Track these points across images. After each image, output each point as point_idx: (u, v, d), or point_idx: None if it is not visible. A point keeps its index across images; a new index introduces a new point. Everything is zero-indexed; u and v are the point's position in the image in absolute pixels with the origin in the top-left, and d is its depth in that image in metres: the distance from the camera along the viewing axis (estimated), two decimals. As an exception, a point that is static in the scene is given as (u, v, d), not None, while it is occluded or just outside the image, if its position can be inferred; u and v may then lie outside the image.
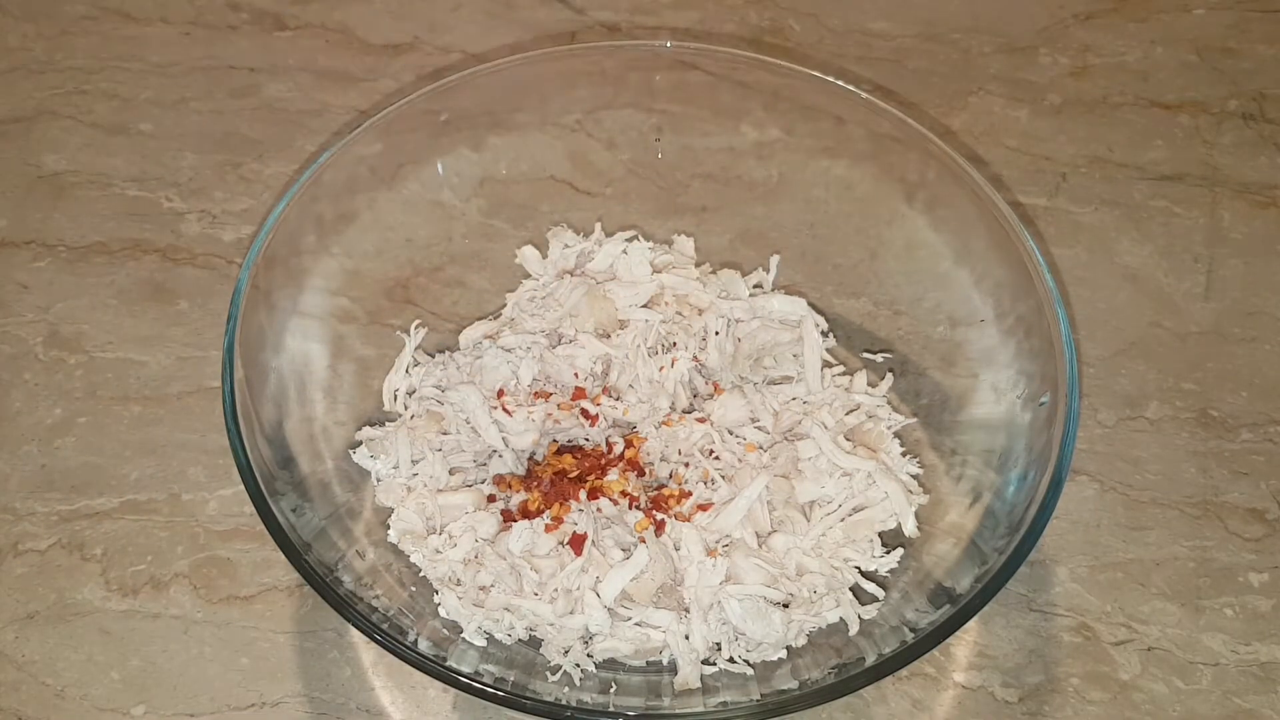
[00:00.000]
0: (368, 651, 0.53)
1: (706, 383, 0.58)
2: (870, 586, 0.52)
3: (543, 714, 0.43)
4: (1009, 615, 0.54)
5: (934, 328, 0.59)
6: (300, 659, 0.52)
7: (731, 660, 0.49)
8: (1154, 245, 0.68)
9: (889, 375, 0.59)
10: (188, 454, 0.59)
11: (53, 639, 0.53)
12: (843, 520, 0.53)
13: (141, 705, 0.51)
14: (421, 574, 0.52)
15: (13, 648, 0.53)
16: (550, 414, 0.55)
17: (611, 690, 0.49)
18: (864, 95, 0.59)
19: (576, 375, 0.57)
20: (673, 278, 0.61)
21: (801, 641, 0.50)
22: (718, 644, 0.50)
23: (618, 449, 0.55)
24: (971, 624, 0.51)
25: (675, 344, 0.58)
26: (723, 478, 0.53)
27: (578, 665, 0.49)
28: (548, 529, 0.51)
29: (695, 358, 0.58)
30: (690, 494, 0.53)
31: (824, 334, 0.60)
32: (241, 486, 0.46)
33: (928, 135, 0.57)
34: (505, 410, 0.55)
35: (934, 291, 0.59)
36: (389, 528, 0.53)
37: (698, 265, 0.63)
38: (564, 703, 0.46)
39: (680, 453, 0.55)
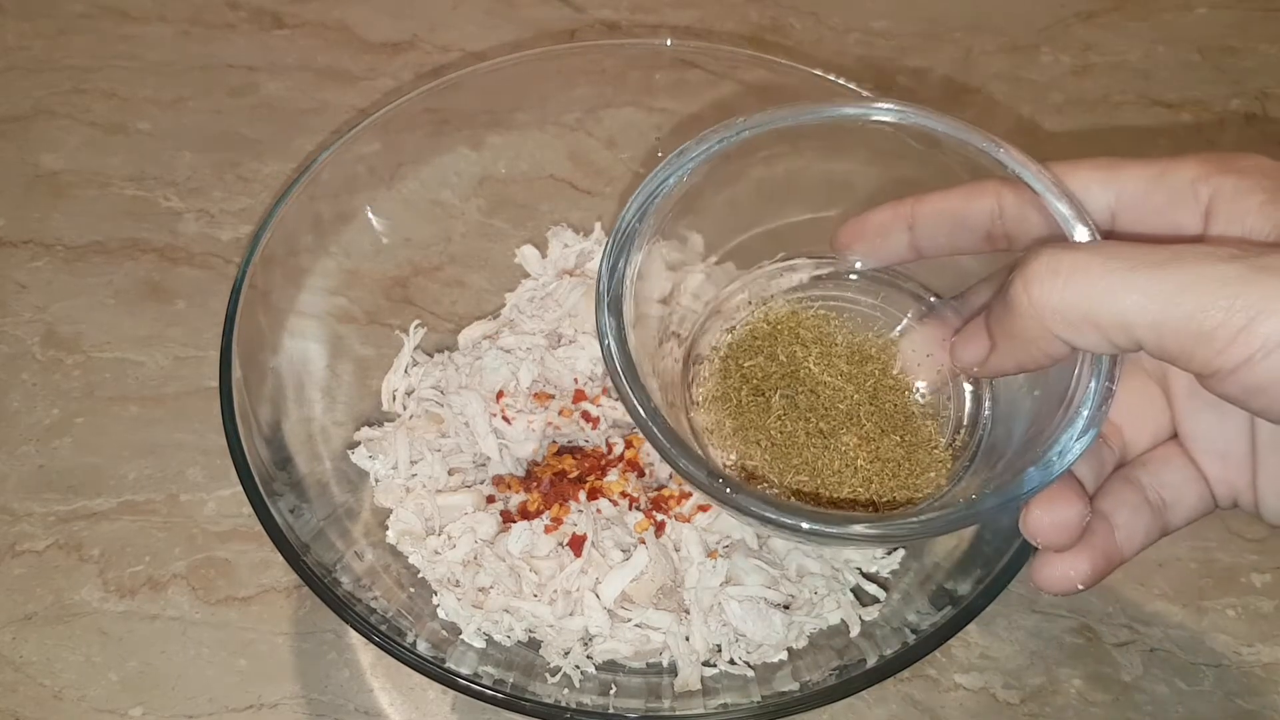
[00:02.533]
0: (366, 653, 0.53)
1: (707, 383, 0.58)
2: (871, 588, 0.52)
3: (542, 716, 0.43)
4: (1010, 617, 0.54)
5: (935, 327, 0.59)
6: (298, 660, 0.52)
7: (732, 662, 0.49)
8: (1156, 245, 0.68)
9: (890, 375, 0.59)
10: (186, 454, 0.59)
11: (50, 640, 0.53)
12: (843, 521, 0.53)
13: (139, 706, 0.51)
14: (420, 575, 0.52)
15: (10, 649, 0.53)
16: (550, 421, 0.55)
17: (611, 692, 0.48)
18: (865, 94, 0.59)
19: (576, 381, 0.57)
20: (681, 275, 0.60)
21: (802, 643, 0.50)
22: (718, 646, 0.50)
23: (617, 449, 0.54)
24: (973, 625, 0.51)
25: (675, 344, 0.58)
26: (723, 478, 0.53)
27: (577, 667, 0.49)
28: (547, 530, 0.51)
29: (695, 358, 0.58)
30: (690, 494, 0.53)
31: (825, 334, 0.60)
32: (239, 487, 0.46)
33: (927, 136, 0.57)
34: (505, 418, 0.55)
35: (935, 291, 0.59)
36: (387, 528, 0.53)
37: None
38: (563, 704, 0.46)
39: (680, 453, 0.55)
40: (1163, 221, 0.33)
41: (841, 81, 0.59)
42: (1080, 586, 0.34)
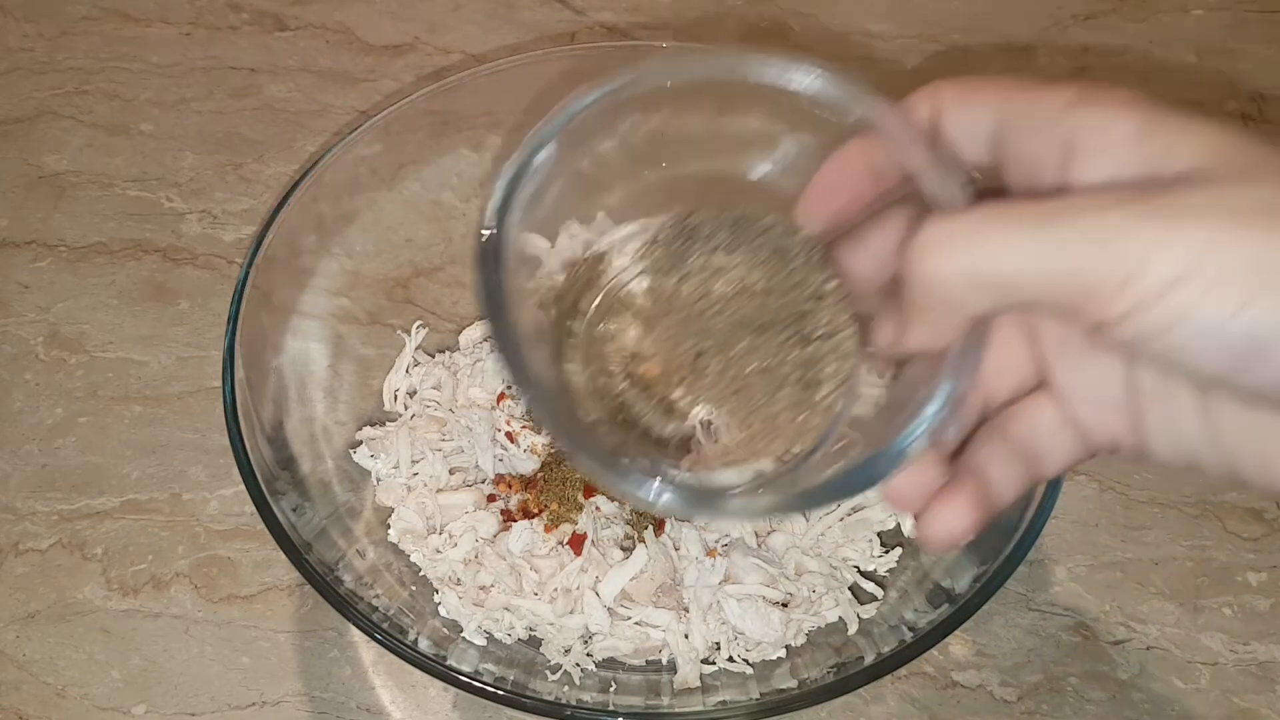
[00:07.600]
0: (368, 650, 0.53)
1: (706, 383, 0.58)
2: (869, 586, 0.52)
3: (543, 713, 0.43)
4: (1007, 614, 0.54)
5: (933, 328, 0.59)
6: (300, 658, 0.53)
7: (731, 659, 0.50)
8: (1153, 245, 0.68)
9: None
10: (188, 454, 0.59)
11: (53, 638, 0.53)
12: (841, 520, 0.53)
13: (142, 704, 0.51)
14: (421, 573, 0.52)
15: (13, 647, 0.53)
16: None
17: (611, 689, 0.49)
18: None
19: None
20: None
21: (800, 641, 0.50)
22: (717, 643, 0.50)
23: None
24: (970, 623, 0.51)
25: (675, 344, 0.58)
26: (722, 477, 0.53)
27: (577, 664, 0.49)
28: (547, 529, 0.51)
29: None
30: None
31: (823, 334, 0.60)
32: (242, 486, 0.46)
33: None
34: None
35: (933, 292, 0.59)
36: (389, 527, 0.53)
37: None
38: (564, 702, 0.46)
39: (680, 452, 0.55)
40: (1026, 152, 0.32)
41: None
42: (962, 541, 0.33)
